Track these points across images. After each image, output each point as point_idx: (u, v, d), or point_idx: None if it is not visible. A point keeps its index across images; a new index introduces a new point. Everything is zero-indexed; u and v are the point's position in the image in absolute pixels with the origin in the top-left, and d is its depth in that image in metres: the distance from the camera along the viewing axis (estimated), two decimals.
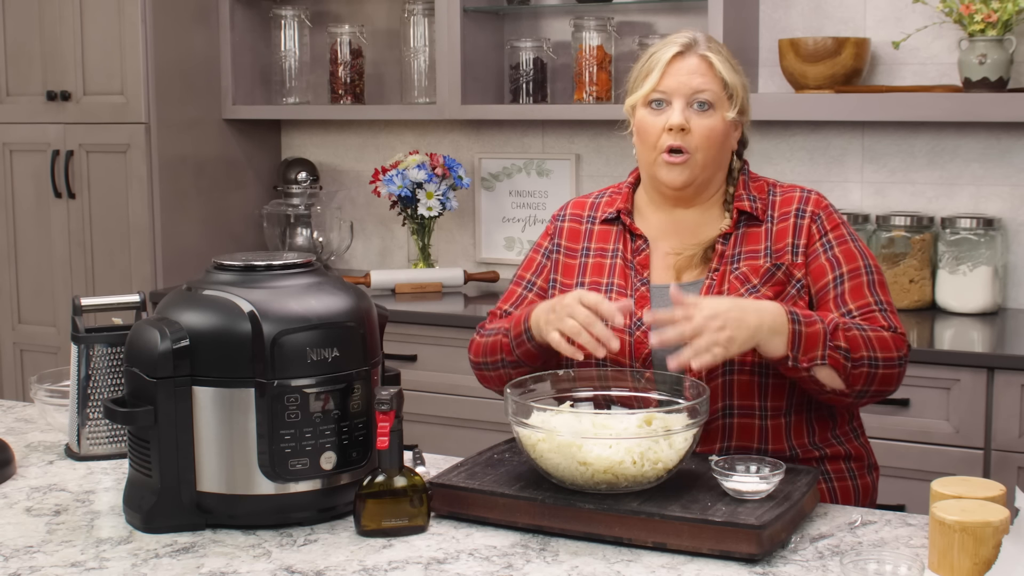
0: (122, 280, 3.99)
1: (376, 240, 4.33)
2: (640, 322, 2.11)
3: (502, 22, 3.99)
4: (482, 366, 2.25)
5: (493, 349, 2.20)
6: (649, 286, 2.16)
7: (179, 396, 1.81)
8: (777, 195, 2.18)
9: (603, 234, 2.24)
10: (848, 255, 2.12)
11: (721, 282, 2.11)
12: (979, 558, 1.60)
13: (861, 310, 2.07)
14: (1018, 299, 3.44)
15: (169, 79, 3.97)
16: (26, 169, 4.14)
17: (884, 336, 2.04)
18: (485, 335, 2.24)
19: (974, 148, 3.45)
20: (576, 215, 2.28)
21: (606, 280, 2.18)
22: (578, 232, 2.26)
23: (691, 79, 2.11)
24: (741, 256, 2.13)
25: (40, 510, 1.94)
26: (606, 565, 1.69)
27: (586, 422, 1.85)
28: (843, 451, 2.14)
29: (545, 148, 4.02)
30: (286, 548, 1.77)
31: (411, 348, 3.54)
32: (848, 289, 2.09)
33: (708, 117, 2.11)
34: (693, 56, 2.13)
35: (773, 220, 2.15)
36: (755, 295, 2.08)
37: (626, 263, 2.18)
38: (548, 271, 2.26)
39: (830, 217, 2.15)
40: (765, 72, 3.67)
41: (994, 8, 3.18)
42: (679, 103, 2.11)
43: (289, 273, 1.90)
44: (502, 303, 2.29)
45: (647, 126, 2.14)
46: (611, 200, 2.26)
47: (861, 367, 2.00)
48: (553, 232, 2.29)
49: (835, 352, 1.97)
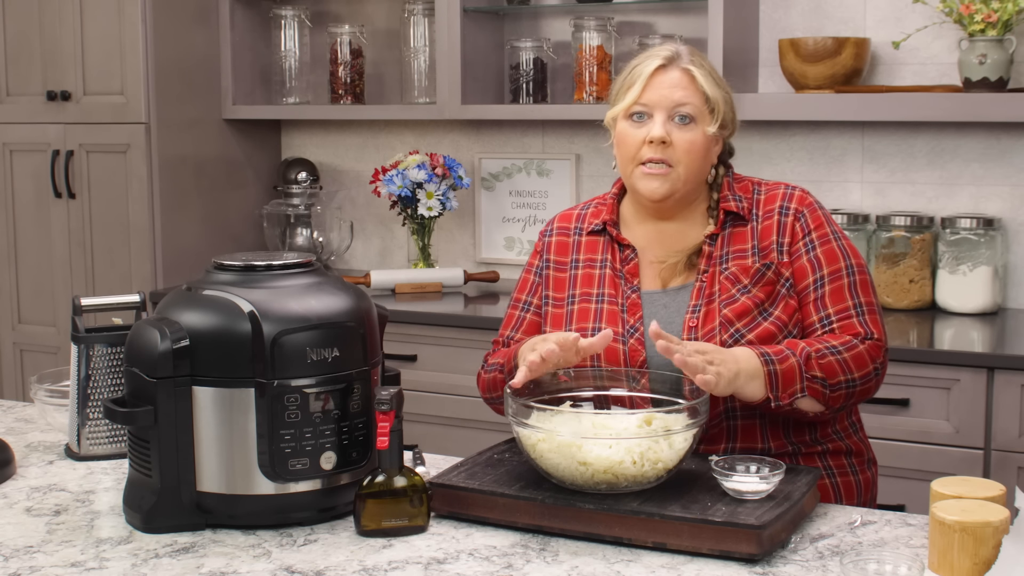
0: (122, 280, 3.99)
1: (376, 240, 4.33)
2: (633, 329, 2.11)
3: (502, 22, 3.99)
4: (490, 401, 2.28)
5: (494, 386, 2.22)
6: (640, 292, 2.16)
7: (179, 396, 1.81)
8: (762, 193, 2.18)
9: (591, 245, 2.24)
10: (830, 256, 2.12)
11: (711, 283, 2.12)
12: (979, 558, 1.60)
13: (839, 315, 2.09)
14: (1018, 299, 3.44)
15: (169, 79, 3.97)
16: (26, 169, 4.14)
17: (859, 352, 2.05)
18: (488, 371, 2.25)
19: (974, 148, 3.45)
20: (563, 228, 2.28)
21: (596, 290, 2.19)
22: (566, 245, 2.26)
23: (673, 92, 2.10)
24: (729, 256, 2.13)
25: (40, 510, 1.94)
26: (606, 565, 1.69)
27: (586, 422, 1.85)
28: (844, 446, 2.15)
29: (545, 148, 4.02)
30: (286, 548, 1.77)
31: (411, 348, 3.54)
32: (828, 292, 2.10)
33: (689, 131, 2.11)
34: (675, 69, 2.12)
35: (758, 218, 2.15)
36: (747, 296, 2.08)
37: (615, 273, 2.19)
38: (541, 289, 2.27)
39: (814, 215, 2.15)
40: (765, 72, 3.67)
41: (994, 8, 3.18)
42: (660, 116, 2.10)
43: (289, 273, 1.90)
44: (503, 329, 2.30)
45: (627, 138, 2.14)
46: (596, 212, 2.26)
47: (839, 391, 2.04)
48: (542, 249, 2.29)
49: (812, 383, 2.01)
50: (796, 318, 2.10)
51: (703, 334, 2.07)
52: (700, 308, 2.10)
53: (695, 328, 2.09)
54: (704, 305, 2.10)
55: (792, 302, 2.10)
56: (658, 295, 2.15)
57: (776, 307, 2.09)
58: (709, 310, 2.09)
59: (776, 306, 2.09)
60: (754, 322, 2.07)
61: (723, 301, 2.09)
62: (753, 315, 2.08)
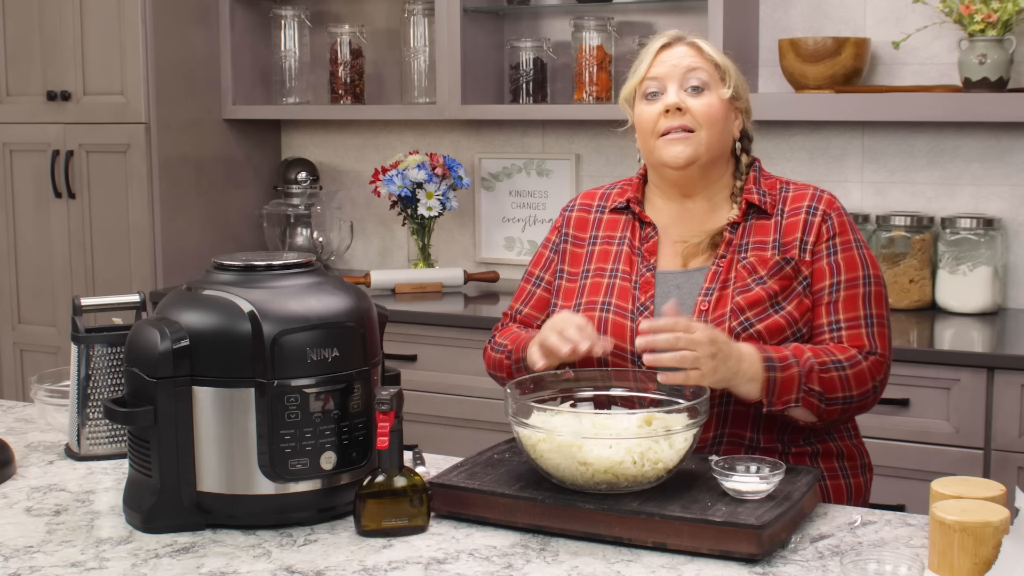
0: (122, 280, 3.99)
1: (376, 240, 4.33)
2: (643, 307, 2.12)
3: (502, 22, 3.99)
4: (495, 378, 2.30)
5: (500, 366, 2.24)
6: (655, 272, 2.16)
7: (179, 396, 1.81)
8: (789, 191, 2.19)
9: (612, 223, 2.25)
10: (849, 263, 2.12)
11: (728, 269, 2.12)
12: (979, 558, 1.60)
13: (849, 323, 2.09)
14: (1018, 299, 3.44)
15: (169, 79, 3.97)
16: (26, 169, 4.14)
17: (862, 369, 2.06)
18: (495, 349, 2.26)
19: (974, 148, 3.45)
20: (586, 205, 2.30)
21: (611, 266, 2.19)
22: (586, 221, 2.28)
23: (682, 61, 2.15)
24: (749, 246, 2.13)
25: (40, 510, 1.94)
26: (606, 565, 1.69)
27: (586, 422, 1.85)
28: (835, 449, 2.15)
29: (545, 148, 4.02)
30: (286, 548, 1.77)
31: (411, 348, 3.54)
32: (842, 299, 2.10)
33: (704, 96, 2.14)
34: (681, 44, 2.18)
35: (783, 214, 2.16)
36: (762, 286, 2.08)
37: (633, 250, 2.20)
38: (555, 264, 2.28)
39: (840, 220, 2.15)
40: (765, 72, 3.67)
41: (994, 8, 3.18)
42: (673, 87, 2.14)
43: (289, 273, 1.90)
44: (514, 301, 2.32)
45: (644, 114, 2.17)
46: (622, 191, 2.28)
47: (835, 406, 2.04)
48: (562, 224, 2.31)
49: (809, 396, 2.01)
50: (807, 317, 2.10)
51: (713, 318, 2.08)
52: (713, 292, 2.10)
53: (706, 312, 2.09)
54: (717, 290, 2.10)
55: (807, 301, 2.10)
56: (672, 275, 2.15)
57: (790, 302, 2.09)
58: (722, 295, 2.10)
59: (790, 301, 2.09)
60: (764, 313, 2.07)
61: (737, 288, 2.09)
62: (765, 306, 2.08)
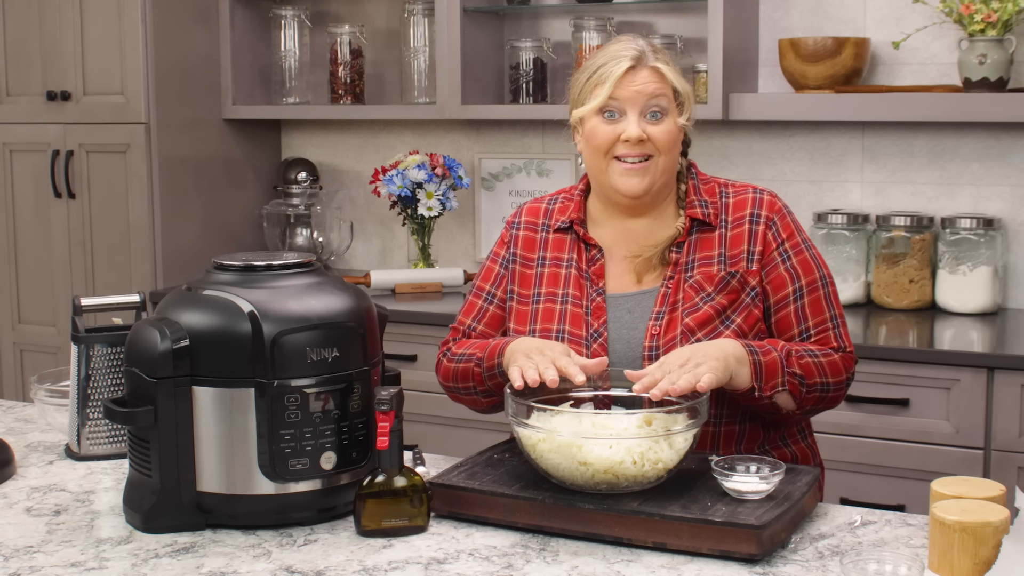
0: (122, 280, 3.99)
1: (376, 240, 4.33)
2: (597, 334, 2.12)
3: (502, 22, 3.99)
4: (453, 389, 2.24)
5: (464, 375, 2.18)
6: (605, 296, 2.15)
7: (179, 396, 1.81)
8: (730, 197, 2.17)
9: (558, 243, 2.22)
10: (805, 266, 2.14)
11: (676, 290, 2.11)
12: (979, 558, 1.60)
13: (818, 327, 2.12)
14: (1018, 299, 3.44)
15: (169, 79, 3.97)
16: (26, 169, 4.14)
17: (835, 360, 2.09)
18: (454, 360, 2.20)
19: (974, 148, 3.45)
20: (531, 223, 2.26)
21: (561, 291, 2.18)
22: (533, 241, 2.24)
23: (646, 87, 2.10)
24: (695, 263, 2.13)
25: (40, 510, 1.94)
26: (606, 565, 1.69)
27: (586, 422, 1.85)
28: (789, 453, 2.16)
29: (545, 148, 4.02)
30: (286, 548, 1.77)
31: (411, 348, 3.54)
32: (808, 303, 2.12)
33: (663, 123, 2.11)
34: (644, 68, 2.11)
35: (727, 225, 2.15)
36: (710, 304, 2.09)
37: (581, 273, 2.18)
38: (506, 282, 2.25)
39: (784, 222, 2.15)
40: (765, 72, 3.67)
41: (994, 8, 3.18)
42: (633, 114, 2.10)
43: (289, 273, 1.90)
44: (464, 316, 2.26)
45: (600, 134, 2.13)
46: (563, 207, 2.24)
47: (814, 392, 2.07)
48: (509, 240, 2.27)
49: (792, 379, 2.03)
50: (758, 327, 2.11)
51: (664, 342, 2.08)
52: (663, 315, 2.10)
53: (657, 336, 2.09)
54: (667, 313, 2.10)
55: (756, 311, 2.11)
56: (623, 299, 2.14)
57: (738, 315, 2.09)
58: (672, 318, 2.09)
59: (739, 314, 2.10)
60: (715, 331, 2.08)
61: (686, 309, 2.09)
62: (715, 324, 2.08)
